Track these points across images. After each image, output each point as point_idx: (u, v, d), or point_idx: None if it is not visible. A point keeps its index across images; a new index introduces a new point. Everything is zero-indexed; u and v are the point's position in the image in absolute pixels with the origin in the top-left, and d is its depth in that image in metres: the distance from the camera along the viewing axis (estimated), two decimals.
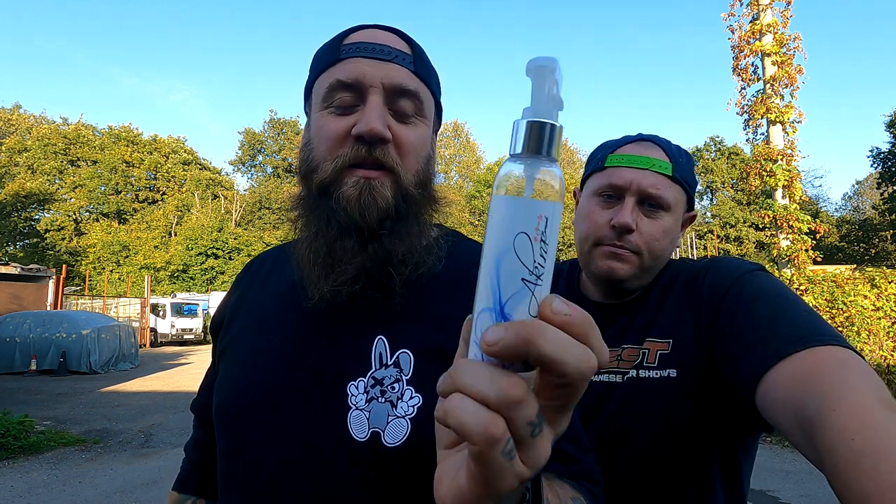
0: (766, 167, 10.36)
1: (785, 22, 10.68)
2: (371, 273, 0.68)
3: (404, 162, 0.70)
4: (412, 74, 0.72)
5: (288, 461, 0.66)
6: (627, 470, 0.92)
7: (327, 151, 0.69)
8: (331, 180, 0.68)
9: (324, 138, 0.70)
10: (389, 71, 0.69)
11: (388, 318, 0.69)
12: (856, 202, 42.59)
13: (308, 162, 0.72)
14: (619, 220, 0.94)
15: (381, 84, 0.68)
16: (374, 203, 0.67)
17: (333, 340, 0.70)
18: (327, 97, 0.70)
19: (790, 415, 0.64)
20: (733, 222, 33.83)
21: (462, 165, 44.60)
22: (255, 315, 0.79)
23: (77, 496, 4.74)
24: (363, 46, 0.70)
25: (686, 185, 0.99)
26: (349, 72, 0.69)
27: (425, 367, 0.67)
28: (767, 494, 4.86)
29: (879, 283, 7.32)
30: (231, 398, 0.73)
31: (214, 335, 0.85)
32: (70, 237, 35.00)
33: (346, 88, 0.69)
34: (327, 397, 0.67)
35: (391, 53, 0.70)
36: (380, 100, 0.68)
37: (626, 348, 0.96)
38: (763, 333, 0.76)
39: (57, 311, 15.20)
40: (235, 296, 0.85)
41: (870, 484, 0.49)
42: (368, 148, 0.67)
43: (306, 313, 0.72)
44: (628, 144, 1.00)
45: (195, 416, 0.93)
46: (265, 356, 0.72)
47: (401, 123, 0.70)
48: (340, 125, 0.69)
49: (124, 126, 38.91)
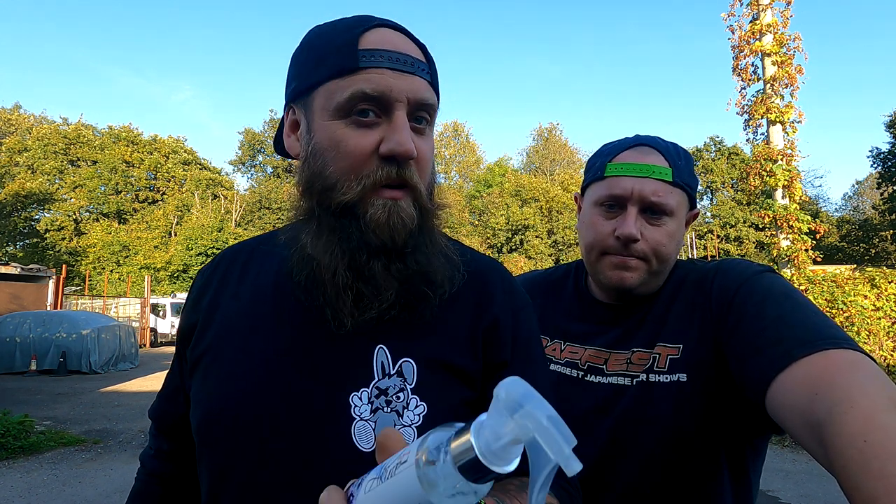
0: (766, 167, 10.36)
1: (785, 22, 10.68)
2: (405, 294, 0.67)
3: (422, 177, 0.68)
4: (430, 86, 0.69)
5: (285, 479, 0.63)
6: (636, 472, 0.92)
7: (351, 170, 0.65)
8: (356, 201, 0.65)
9: (345, 154, 0.65)
10: (413, 84, 0.66)
11: (387, 328, 0.67)
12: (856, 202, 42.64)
13: (322, 178, 0.67)
14: (624, 231, 0.94)
15: (407, 99, 0.66)
16: (403, 224, 0.65)
17: (331, 348, 0.67)
18: (346, 107, 0.65)
19: (800, 417, 0.64)
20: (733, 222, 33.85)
21: (462, 165, 44.60)
22: (236, 319, 0.72)
23: (77, 496, 4.74)
24: (386, 56, 0.66)
25: (687, 187, 0.98)
26: (375, 83, 0.64)
27: (429, 377, 0.66)
28: (767, 494, 4.86)
29: (879, 283, 7.32)
30: (218, 411, 0.67)
31: (184, 342, 0.78)
32: (70, 237, 35.01)
33: (371, 101, 0.65)
34: (329, 409, 0.64)
35: (414, 65, 0.67)
36: (405, 115, 0.66)
37: (637, 351, 0.96)
38: (773, 336, 0.76)
39: (57, 311, 15.20)
40: (207, 298, 0.77)
41: (878, 485, 0.49)
42: (398, 168, 0.65)
43: (298, 317, 0.69)
44: (626, 151, 0.99)
45: (153, 424, 0.87)
46: (255, 365, 0.67)
47: (419, 137, 0.68)
48: (366, 142, 0.65)
49: (124, 126, 38.95)
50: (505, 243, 33.15)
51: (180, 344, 0.80)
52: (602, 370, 0.98)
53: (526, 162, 44.58)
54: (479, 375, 0.71)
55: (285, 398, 0.65)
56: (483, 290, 0.75)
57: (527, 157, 44.91)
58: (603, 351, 1.00)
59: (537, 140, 44.63)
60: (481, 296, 0.74)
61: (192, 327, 0.76)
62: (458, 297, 0.73)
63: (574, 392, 0.99)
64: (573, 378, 1.01)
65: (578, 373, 1.01)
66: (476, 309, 0.73)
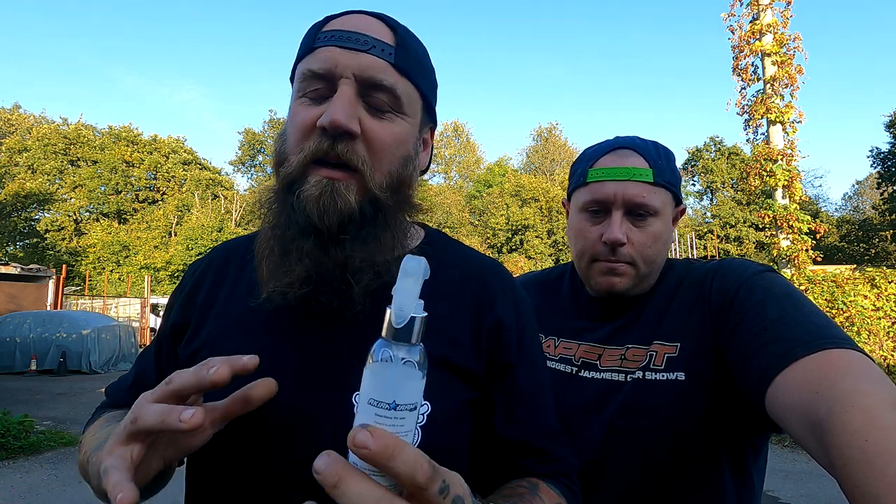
0: (766, 167, 10.37)
1: (785, 22, 10.69)
2: (326, 277, 0.64)
3: (373, 161, 0.66)
4: (390, 67, 0.66)
5: (286, 479, 0.61)
6: (633, 470, 0.92)
7: (295, 143, 0.66)
8: (296, 176, 0.65)
9: (293, 128, 0.67)
10: (363, 61, 0.65)
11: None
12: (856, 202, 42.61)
13: (280, 153, 0.68)
14: (610, 236, 0.96)
15: (353, 75, 0.65)
16: (335, 206, 0.63)
17: (331, 346, 0.67)
18: (301, 86, 0.67)
19: (800, 416, 0.64)
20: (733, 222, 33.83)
21: (462, 165, 44.58)
22: (234, 318, 0.71)
23: (77, 496, 4.73)
24: (339, 34, 0.66)
25: (669, 185, 0.99)
26: (320, 60, 0.65)
27: (432, 376, 0.66)
28: (767, 494, 4.85)
29: (879, 283, 7.32)
30: None
31: (175, 338, 0.76)
32: (70, 237, 35.00)
33: (318, 78, 0.65)
34: (330, 407, 0.63)
35: (367, 43, 0.66)
36: (350, 91, 0.64)
37: (631, 348, 0.96)
38: (773, 335, 0.76)
39: (57, 311, 15.21)
40: (202, 295, 0.76)
41: (880, 484, 0.50)
42: (332, 142, 0.63)
43: (296, 315, 0.68)
44: (606, 155, 1.00)
45: (107, 400, 0.82)
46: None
47: (374, 118, 0.66)
48: (309, 114, 0.65)
49: (124, 126, 38.94)
50: (505, 243, 33.14)
51: (170, 340, 0.77)
52: (596, 366, 0.99)
53: (526, 162, 44.58)
54: (482, 376, 0.70)
55: (286, 397, 0.64)
56: (484, 291, 0.74)
57: (527, 157, 44.91)
58: (597, 346, 1.01)
59: (537, 140, 44.62)
60: (482, 296, 0.74)
61: (185, 324, 0.75)
62: (458, 297, 0.73)
63: (568, 388, 1.00)
64: (567, 374, 1.02)
65: (572, 368, 1.02)
66: (477, 309, 0.72)
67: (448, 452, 0.66)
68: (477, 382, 0.70)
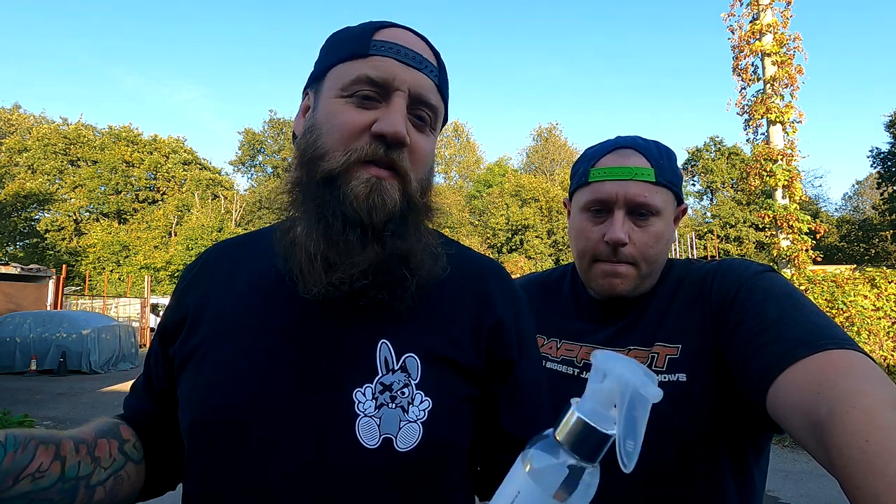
0: (766, 167, 10.37)
1: (785, 22, 10.69)
2: (381, 271, 0.66)
3: (414, 169, 0.69)
4: (435, 88, 0.72)
5: (287, 477, 0.62)
6: (634, 470, 0.91)
7: (340, 142, 0.66)
8: (340, 171, 0.66)
9: (337, 127, 0.67)
10: (417, 78, 0.69)
11: (390, 322, 0.68)
12: (856, 202, 42.62)
13: (314, 147, 0.68)
14: (612, 236, 0.95)
15: (409, 90, 0.68)
16: (383, 203, 0.65)
17: (332, 344, 0.67)
18: (349, 87, 0.68)
19: (801, 417, 0.65)
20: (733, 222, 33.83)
21: (462, 165, 44.58)
22: (230, 317, 0.71)
23: None
24: (395, 48, 0.69)
25: (671, 184, 0.99)
26: (380, 70, 0.67)
27: (433, 372, 0.67)
28: (767, 494, 4.86)
29: (879, 283, 7.32)
30: (214, 410, 0.66)
31: (170, 338, 0.76)
32: (70, 237, 35.00)
33: (373, 85, 0.67)
34: (331, 405, 0.63)
35: (422, 63, 0.70)
36: (403, 104, 0.68)
37: (633, 349, 0.96)
38: (773, 335, 0.76)
39: (57, 311, 15.20)
40: (195, 295, 0.75)
41: (880, 484, 0.50)
42: (387, 149, 0.66)
43: (295, 312, 0.68)
44: (608, 155, 1.00)
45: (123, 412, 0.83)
46: (252, 362, 0.66)
47: (418, 132, 0.70)
48: (359, 118, 0.67)
49: (124, 126, 38.93)
50: (505, 243, 33.15)
51: (163, 341, 0.78)
52: None
53: (526, 162, 44.59)
54: (482, 373, 0.71)
55: (286, 395, 0.64)
56: (482, 290, 0.75)
57: (527, 157, 44.92)
58: (598, 348, 1.00)
59: (537, 140, 44.64)
60: (480, 295, 0.75)
61: (178, 324, 0.74)
62: (457, 295, 0.74)
63: (570, 389, 0.99)
64: (568, 375, 1.02)
65: (574, 370, 1.02)
66: (475, 308, 0.73)
67: (448, 447, 0.67)
68: (477, 380, 0.71)
